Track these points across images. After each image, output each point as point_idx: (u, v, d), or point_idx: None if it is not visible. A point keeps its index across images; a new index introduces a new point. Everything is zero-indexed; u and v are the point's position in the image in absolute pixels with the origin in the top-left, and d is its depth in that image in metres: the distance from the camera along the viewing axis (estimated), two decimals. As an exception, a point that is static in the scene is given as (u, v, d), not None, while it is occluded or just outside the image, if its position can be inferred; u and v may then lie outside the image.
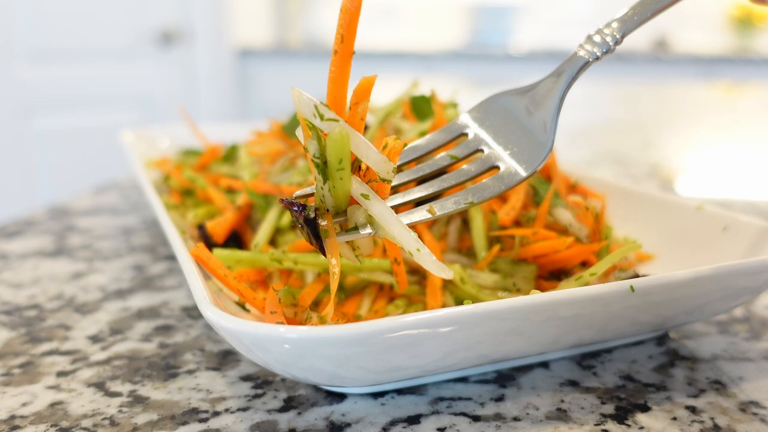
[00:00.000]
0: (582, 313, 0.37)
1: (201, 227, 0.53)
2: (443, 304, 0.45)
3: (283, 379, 0.42)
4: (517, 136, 0.42)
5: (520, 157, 0.41)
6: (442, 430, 0.36)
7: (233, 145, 0.73)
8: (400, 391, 0.40)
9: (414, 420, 0.37)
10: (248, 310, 0.44)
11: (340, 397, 0.40)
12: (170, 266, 0.63)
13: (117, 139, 0.85)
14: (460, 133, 0.43)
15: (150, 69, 3.07)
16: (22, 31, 2.67)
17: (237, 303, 0.44)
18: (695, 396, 0.40)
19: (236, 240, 0.56)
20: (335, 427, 0.37)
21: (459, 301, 0.45)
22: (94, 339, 0.48)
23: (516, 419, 0.37)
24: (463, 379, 0.42)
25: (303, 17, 4.23)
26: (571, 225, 0.48)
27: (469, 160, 0.42)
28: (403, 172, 0.41)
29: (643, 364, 0.44)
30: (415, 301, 0.46)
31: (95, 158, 2.77)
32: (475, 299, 0.44)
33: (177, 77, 3.18)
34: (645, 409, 0.39)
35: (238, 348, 0.35)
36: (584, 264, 0.48)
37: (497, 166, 0.41)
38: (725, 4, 3.92)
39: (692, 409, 0.39)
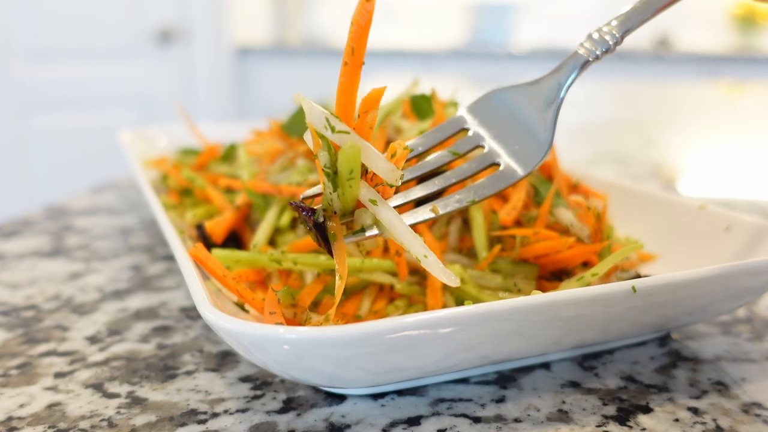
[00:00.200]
0: (583, 313, 0.36)
1: (199, 227, 0.53)
2: (444, 305, 0.44)
3: (283, 380, 0.42)
4: (517, 133, 0.42)
5: (520, 154, 0.41)
6: (442, 431, 0.36)
7: (232, 145, 0.73)
8: (400, 393, 0.40)
9: (414, 421, 0.37)
10: (247, 311, 0.44)
11: (340, 398, 0.39)
12: (169, 266, 0.62)
13: (115, 139, 0.85)
14: (459, 129, 0.43)
15: (148, 68, 3.06)
16: (20, 30, 2.67)
17: (236, 303, 0.44)
18: (697, 397, 0.40)
19: (235, 240, 0.55)
20: (335, 429, 0.36)
21: (460, 302, 0.45)
22: (92, 340, 0.47)
23: (517, 420, 0.37)
24: (464, 380, 0.41)
25: (302, 16, 4.23)
26: (572, 225, 0.48)
27: (469, 157, 0.42)
28: (404, 170, 0.41)
29: (644, 365, 0.44)
30: (416, 301, 0.46)
31: (93, 158, 2.77)
32: (476, 300, 0.44)
33: (176, 76, 3.18)
34: (647, 410, 0.38)
35: (237, 349, 0.35)
36: (586, 264, 0.47)
37: (497, 163, 0.41)
38: (727, 2, 3.91)
39: (694, 411, 0.38)
